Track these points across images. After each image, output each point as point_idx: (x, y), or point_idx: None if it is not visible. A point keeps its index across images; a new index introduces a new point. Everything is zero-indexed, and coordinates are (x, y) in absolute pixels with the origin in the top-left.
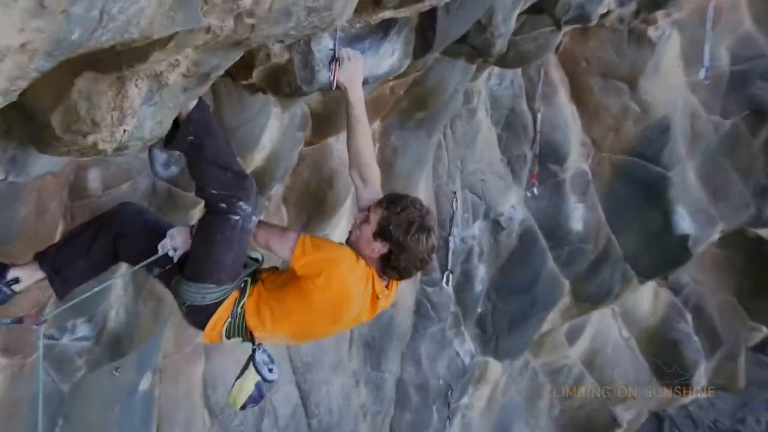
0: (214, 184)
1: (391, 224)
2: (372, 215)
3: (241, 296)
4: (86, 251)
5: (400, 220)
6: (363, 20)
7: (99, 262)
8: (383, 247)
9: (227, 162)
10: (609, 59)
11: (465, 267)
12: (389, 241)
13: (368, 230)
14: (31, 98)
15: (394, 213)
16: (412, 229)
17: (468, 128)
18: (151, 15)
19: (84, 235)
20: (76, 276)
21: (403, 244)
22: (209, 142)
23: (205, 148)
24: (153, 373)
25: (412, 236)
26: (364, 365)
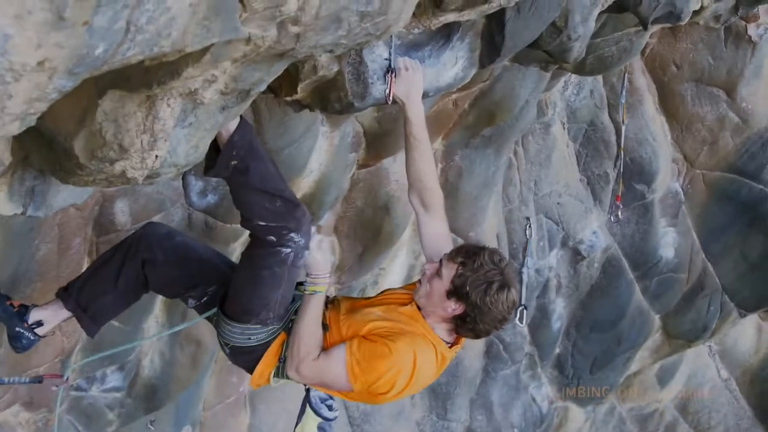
0: (263, 214)
1: (467, 284)
2: (445, 270)
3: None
4: (113, 284)
5: (478, 279)
6: (422, 25)
7: (128, 293)
8: (458, 308)
9: (277, 188)
10: (703, 62)
11: (541, 302)
12: (465, 303)
13: (440, 287)
14: (51, 122)
15: (471, 270)
16: (491, 289)
17: (542, 145)
18: (183, 25)
19: (110, 265)
20: (105, 311)
21: (482, 307)
22: (255, 166)
23: (251, 173)
24: (193, 426)
25: (492, 296)
26: (428, 414)
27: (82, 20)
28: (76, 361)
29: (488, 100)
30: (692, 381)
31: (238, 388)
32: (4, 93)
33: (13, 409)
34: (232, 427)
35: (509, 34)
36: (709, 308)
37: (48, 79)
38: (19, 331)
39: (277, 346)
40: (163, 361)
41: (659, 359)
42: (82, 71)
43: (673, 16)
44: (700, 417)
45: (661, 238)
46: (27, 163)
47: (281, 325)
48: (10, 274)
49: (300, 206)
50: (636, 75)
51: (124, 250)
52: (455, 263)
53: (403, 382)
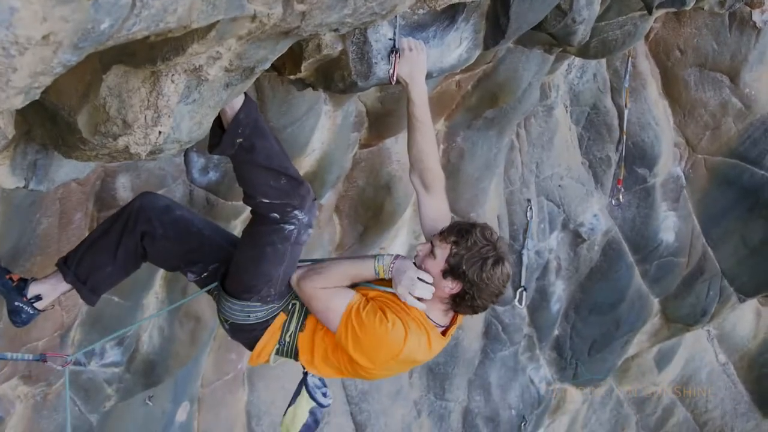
0: (267, 192)
1: (463, 262)
2: (438, 250)
3: (290, 320)
4: (113, 256)
5: (473, 256)
6: (427, 5)
7: (128, 264)
8: (456, 286)
9: (281, 166)
10: (707, 48)
11: (540, 284)
12: (462, 281)
13: (435, 267)
14: (55, 96)
15: (465, 248)
16: (487, 265)
17: (544, 127)
18: (189, 1)
19: (108, 237)
20: (104, 282)
21: (479, 283)
22: (261, 144)
23: (256, 150)
24: (191, 402)
25: (488, 272)
26: (426, 394)
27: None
28: (75, 336)
29: (491, 81)
30: (690, 365)
31: (236, 365)
32: (9, 66)
33: (12, 382)
34: (230, 404)
35: (514, 15)
36: (708, 293)
37: (53, 53)
38: (18, 306)
39: (276, 326)
40: (162, 337)
41: (658, 343)
42: (87, 46)
43: (677, 1)
44: (697, 401)
45: (661, 222)
46: (30, 137)
47: (281, 304)
48: (11, 248)
49: (304, 184)
50: (640, 59)
51: (123, 221)
52: (448, 243)
53: (385, 356)
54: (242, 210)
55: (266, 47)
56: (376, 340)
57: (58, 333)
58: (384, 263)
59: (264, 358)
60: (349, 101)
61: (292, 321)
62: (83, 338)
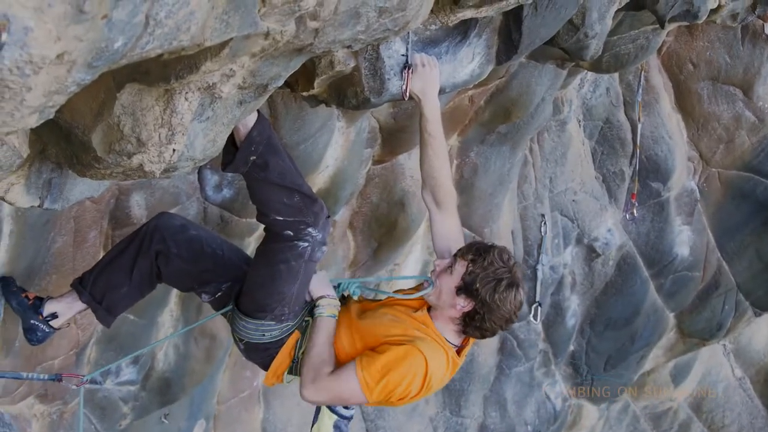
0: (280, 209)
1: (477, 281)
2: (456, 267)
3: (303, 337)
4: (128, 276)
5: (488, 276)
6: (439, 21)
7: (143, 285)
8: (467, 305)
9: (295, 183)
10: (720, 61)
11: (555, 299)
12: (474, 300)
13: (450, 283)
14: (69, 115)
15: (481, 268)
16: (500, 287)
17: (558, 142)
18: (202, 19)
19: (124, 257)
20: (120, 303)
21: (490, 304)
22: (274, 161)
23: (270, 168)
24: (207, 420)
25: (501, 294)
26: (442, 410)
27: (102, 13)
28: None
29: (504, 96)
30: (706, 380)
31: (252, 382)
32: (24, 85)
33: (28, 401)
34: (246, 422)
35: (526, 31)
36: (723, 307)
37: (67, 72)
38: (33, 324)
39: (290, 345)
40: (177, 355)
41: (673, 358)
42: (101, 64)
43: (690, 15)
44: (714, 416)
45: (676, 236)
46: (44, 155)
47: (295, 322)
48: (26, 266)
49: (317, 201)
50: (652, 73)
51: (139, 242)
52: (465, 260)
53: (416, 388)
54: (256, 227)
55: (279, 64)
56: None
57: (73, 351)
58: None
59: (279, 378)
60: (362, 117)
61: (304, 339)
62: (99, 356)
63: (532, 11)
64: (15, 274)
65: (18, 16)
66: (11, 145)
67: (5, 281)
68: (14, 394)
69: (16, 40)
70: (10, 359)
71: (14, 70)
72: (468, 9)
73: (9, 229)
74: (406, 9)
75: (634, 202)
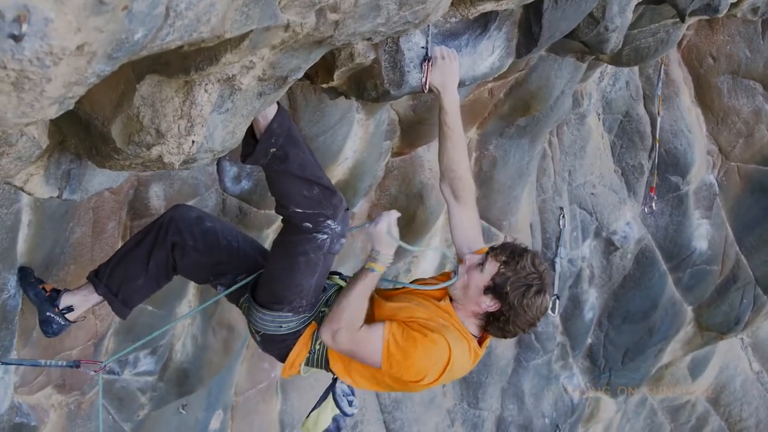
0: (300, 201)
1: (508, 284)
2: (488, 266)
3: (320, 329)
4: (144, 268)
5: (519, 280)
6: (459, 14)
7: (159, 276)
8: (493, 305)
9: (315, 175)
10: (740, 55)
11: (573, 292)
12: (502, 302)
13: (479, 281)
14: (88, 106)
15: (513, 271)
16: (529, 293)
17: (577, 135)
18: (222, 11)
19: (140, 249)
20: (136, 294)
21: (517, 309)
22: (294, 153)
23: (290, 160)
24: (224, 411)
25: (529, 300)
26: (460, 402)
27: (122, 5)
28: (109, 345)
29: (524, 89)
30: (724, 373)
31: (269, 374)
32: (44, 77)
33: (46, 391)
34: (264, 413)
35: (547, 24)
36: (741, 301)
37: (87, 64)
38: (50, 316)
39: (307, 336)
40: (195, 346)
41: (691, 351)
42: (121, 56)
43: (710, 9)
44: (731, 409)
45: (694, 230)
46: (63, 146)
47: (312, 313)
48: (45, 257)
49: (337, 193)
50: (672, 67)
51: (154, 233)
52: (498, 261)
53: (435, 374)
54: (275, 219)
55: (299, 56)
56: (422, 362)
57: (91, 342)
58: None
59: (296, 369)
60: (381, 110)
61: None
62: (117, 347)
63: (553, 4)
64: (33, 264)
65: (38, 7)
66: (31, 135)
67: (23, 272)
68: (32, 384)
69: (36, 31)
70: (28, 349)
71: (34, 61)
72: (488, 2)
73: (28, 219)
74: (426, 1)
75: (653, 196)
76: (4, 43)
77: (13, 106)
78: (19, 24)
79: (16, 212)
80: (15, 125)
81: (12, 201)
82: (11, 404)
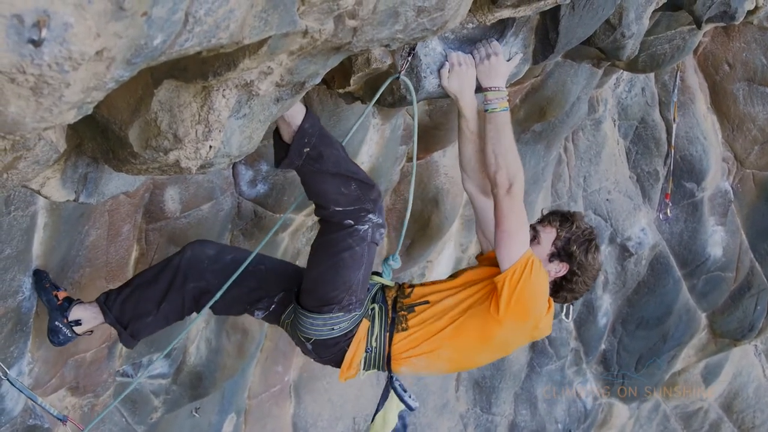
0: (339, 200)
1: (571, 243)
2: (543, 235)
3: (373, 324)
4: (156, 307)
5: (578, 238)
6: (477, 20)
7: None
8: (562, 268)
9: (350, 170)
10: (756, 62)
11: (587, 298)
12: (570, 262)
13: (541, 252)
14: (106, 110)
15: (570, 232)
16: (592, 246)
17: (592, 141)
18: (241, 17)
19: (154, 288)
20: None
21: (584, 264)
22: (328, 151)
23: (325, 159)
24: (237, 414)
25: (593, 254)
26: (473, 407)
27: (142, 11)
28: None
29: (540, 95)
30: (737, 380)
31: (283, 377)
32: (63, 82)
33: (60, 393)
34: (277, 417)
35: (563, 30)
36: (756, 307)
37: (106, 69)
38: (57, 326)
39: (362, 335)
40: (209, 349)
41: (704, 357)
42: (139, 61)
43: (727, 16)
44: (744, 416)
45: (709, 237)
46: (81, 150)
47: (362, 311)
48: (60, 260)
49: (374, 186)
50: (688, 73)
51: (171, 275)
52: (553, 227)
53: (540, 312)
54: (289, 223)
55: (317, 62)
56: (540, 291)
57: (105, 345)
58: (488, 104)
59: (354, 370)
60: (397, 115)
61: (375, 324)
62: (130, 351)
63: (570, 11)
64: (49, 266)
65: (58, 12)
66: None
67: (38, 275)
68: (46, 387)
69: (55, 36)
70: (42, 351)
71: (53, 66)
72: (506, 9)
73: (44, 221)
74: (445, 9)
75: (668, 202)
76: (23, 48)
77: (31, 111)
78: (39, 29)
79: (32, 215)
80: (33, 130)
81: (28, 203)
82: (25, 407)
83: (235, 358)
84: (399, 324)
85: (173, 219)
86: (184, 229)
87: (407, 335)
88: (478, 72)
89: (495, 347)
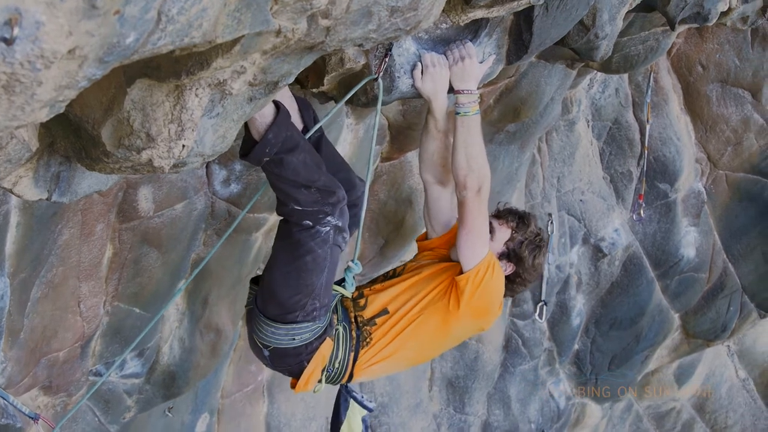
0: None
1: (524, 248)
2: (498, 234)
3: (337, 347)
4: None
5: (531, 243)
6: (450, 20)
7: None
8: (508, 268)
9: (309, 179)
10: (729, 64)
11: (561, 298)
12: (518, 265)
13: (492, 248)
14: (79, 109)
15: (524, 235)
16: (540, 253)
17: (566, 142)
18: (214, 16)
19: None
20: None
21: (529, 269)
22: (289, 159)
23: (284, 166)
24: (210, 414)
25: (539, 260)
26: (446, 407)
27: (114, 9)
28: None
29: (513, 96)
30: (710, 380)
31: (256, 377)
32: (34, 80)
33: (32, 393)
34: (250, 416)
35: (537, 31)
36: (728, 308)
37: (78, 67)
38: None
39: (323, 355)
40: (182, 349)
41: (678, 358)
42: (112, 60)
43: (700, 17)
44: (717, 416)
45: (682, 238)
46: (53, 149)
47: (325, 322)
48: (33, 259)
49: (335, 192)
50: (662, 74)
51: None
52: (509, 227)
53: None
54: (263, 222)
55: (290, 62)
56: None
57: (78, 344)
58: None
59: (311, 385)
60: (371, 115)
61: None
62: (104, 349)
63: (543, 12)
64: (21, 265)
65: (30, 10)
66: (20, 138)
67: None
68: (18, 386)
69: (27, 35)
70: (15, 350)
71: (25, 64)
72: (479, 9)
73: (16, 220)
74: (418, 9)
75: (642, 203)
76: None
77: (3, 109)
78: (11, 27)
79: (5, 214)
80: (5, 128)
81: (0, 202)
82: None
83: (208, 358)
84: (364, 340)
85: (147, 218)
86: (157, 229)
87: (371, 347)
88: (452, 74)
89: (449, 341)
